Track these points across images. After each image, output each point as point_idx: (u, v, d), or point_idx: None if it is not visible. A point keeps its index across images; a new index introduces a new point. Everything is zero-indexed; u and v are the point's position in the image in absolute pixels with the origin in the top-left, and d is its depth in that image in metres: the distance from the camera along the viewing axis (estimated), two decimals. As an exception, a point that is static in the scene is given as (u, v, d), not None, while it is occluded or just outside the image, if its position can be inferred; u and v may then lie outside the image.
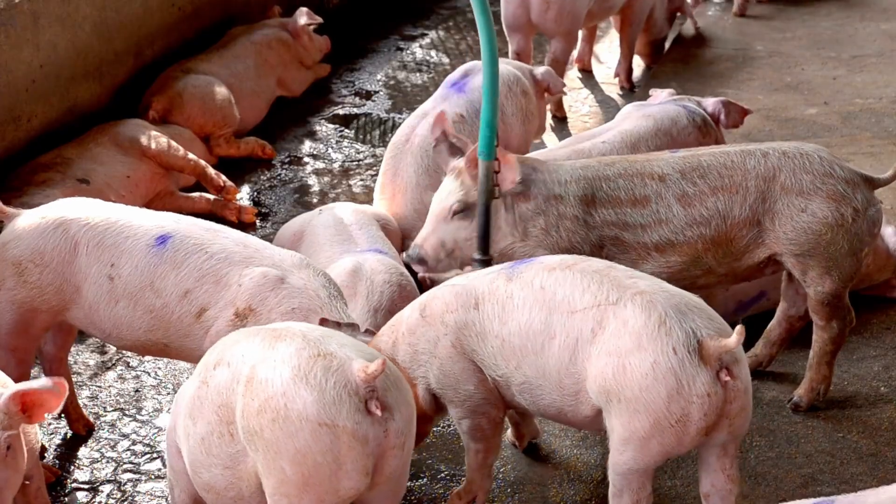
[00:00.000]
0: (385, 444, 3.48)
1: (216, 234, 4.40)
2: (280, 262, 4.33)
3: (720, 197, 4.61)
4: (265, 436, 3.45)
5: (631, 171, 4.66)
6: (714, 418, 3.72)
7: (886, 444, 4.72)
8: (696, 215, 4.61)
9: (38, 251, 4.39)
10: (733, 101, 6.00)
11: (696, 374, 3.68)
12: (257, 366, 3.51)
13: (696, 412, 3.69)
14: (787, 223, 4.62)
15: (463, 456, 4.65)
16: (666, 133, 5.70)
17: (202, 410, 3.65)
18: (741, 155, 4.68)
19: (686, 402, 3.68)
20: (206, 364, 3.71)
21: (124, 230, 4.39)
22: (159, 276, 4.31)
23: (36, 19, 6.23)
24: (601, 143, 5.70)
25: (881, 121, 7.57)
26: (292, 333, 3.57)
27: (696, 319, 3.74)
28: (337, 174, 7.15)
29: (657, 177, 4.63)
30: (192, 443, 3.70)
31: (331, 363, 3.46)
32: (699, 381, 3.68)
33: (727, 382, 3.69)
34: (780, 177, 4.63)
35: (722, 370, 3.69)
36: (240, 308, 4.25)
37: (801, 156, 4.67)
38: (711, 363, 3.68)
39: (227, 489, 3.68)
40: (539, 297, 3.94)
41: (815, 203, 4.61)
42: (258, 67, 7.56)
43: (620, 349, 3.74)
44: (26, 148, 6.23)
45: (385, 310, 4.94)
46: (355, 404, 3.43)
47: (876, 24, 9.34)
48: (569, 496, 4.47)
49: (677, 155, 4.75)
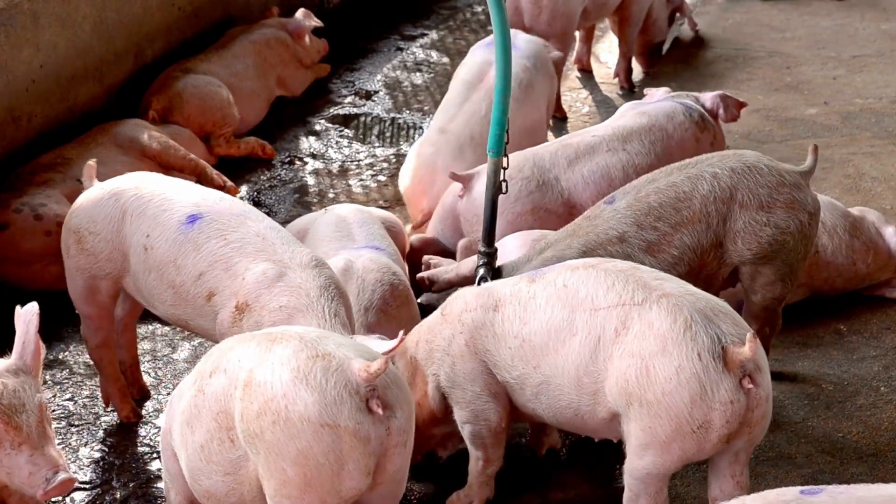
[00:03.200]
0: (387, 442, 3.48)
1: (243, 222, 4.45)
2: (288, 261, 4.32)
3: (685, 231, 4.54)
4: (266, 438, 3.44)
5: (591, 244, 4.51)
6: (736, 426, 3.71)
7: (886, 444, 4.72)
8: (668, 258, 4.54)
9: (93, 220, 4.61)
10: (729, 95, 5.99)
11: (720, 380, 3.67)
12: (255, 369, 3.50)
13: (719, 419, 3.69)
14: (751, 239, 4.60)
15: (463, 457, 4.65)
16: (661, 129, 5.69)
17: (200, 419, 3.64)
18: (690, 182, 4.59)
19: (709, 408, 3.68)
20: (201, 372, 3.70)
21: (165, 203, 4.52)
22: (182, 254, 4.41)
23: (36, 19, 6.23)
24: (590, 137, 5.70)
25: (881, 121, 7.57)
26: (288, 336, 3.56)
27: (721, 325, 3.73)
28: (337, 174, 7.15)
29: (617, 240, 4.53)
30: (191, 451, 3.68)
31: (330, 363, 3.46)
32: (723, 388, 3.67)
33: (750, 390, 3.68)
34: (738, 195, 4.59)
35: (745, 378, 3.67)
36: (239, 302, 4.28)
37: (750, 169, 4.62)
38: (735, 370, 3.67)
39: (228, 495, 3.67)
40: (562, 294, 3.93)
41: (777, 215, 4.60)
42: (258, 67, 7.56)
43: (644, 351, 3.73)
44: (26, 148, 6.23)
45: (376, 308, 4.93)
46: (356, 404, 3.43)
47: (876, 24, 9.34)
48: (569, 496, 4.48)
49: (621, 205, 4.60)
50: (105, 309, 4.79)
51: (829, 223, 5.49)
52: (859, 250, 5.59)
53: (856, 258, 5.58)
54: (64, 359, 5.32)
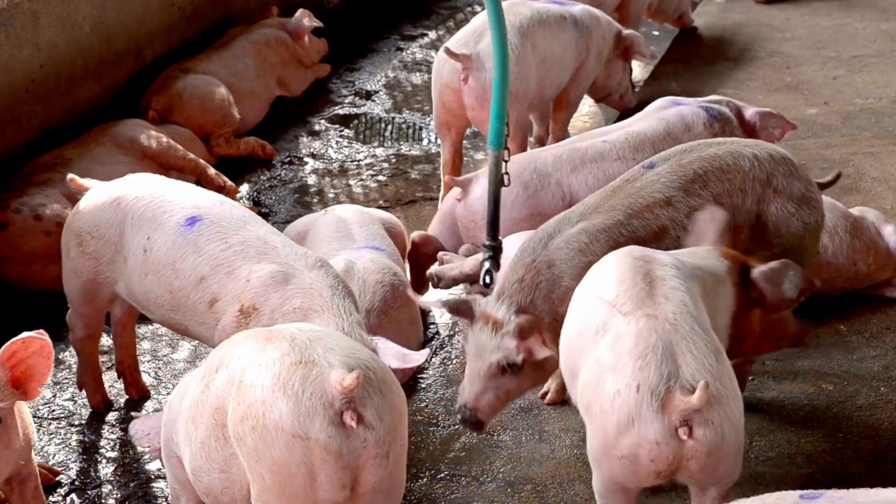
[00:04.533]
0: (365, 454, 3.40)
1: (243, 226, 4.41)
2: (293, 262, 4.30)
3: (725, 203, 4.45)
4: (247, 443, 3.42)
5: (636, 206, 4.40)
6: (666, 468, 3.58)
7: (886, 444, 4.72)
8: None
9: (95, 224, 4.58)
10: (777, 114, 5.82)
11: (651, 420, 3.52)
12: (247, 369, 3.47)
13: (644, 456, 3.55)
14: (781, 227, 4.55)
15: (463, 457, 4.66)
16: (676, 139, 5.61)
17: (203, 414, 3.63)
18: (732, 157, 4.53)
19: (634, 442, 3.54)
20: (209, 368, 3.68)
21: (165, 205, 4.48)
22: (181, 258, 4.37)
23: (36, 19, 6.23)
24: (601, 143, 5.66)
25: (881, 121, 7.57)
26: (282, 336, 3.51)
27: (683, 366, 3.55)
28: (337, 174, 7.15)
29: (663, 202, 4.42)
30: (195, 447, 3.67)
31: (310, 372, 3.40)
32: (651, 428, 3.52)
33: (685, 441, 3.52)
34: (773, 181, 4.55)
35: (683, 426, 3.51)
36: (244, 305, 4.24)
37: (784, 160, 4.59)
38: (672, 415, 3.50)
39: (222, 493, 3.66)
40: (592, 270, 3.92)
41: (804, 210, 4.57)
42: (258, 67, 7.56)
43: (603, 362, 3.64)
44: (26, 148, 6.23)
45: (378, 310, 4.92)
46: (329, 417, 3.36)
47: (876, 24, 9.34)
48: (569, 496, 4.47)
49: (663, 169, 4.50)
50: (101, 310, 4.79)
51: (830, 223, 5.48)
52: (860, 251, 5.58)
53: (857, 259, 5.58)
54: (64, 359, 5.32)
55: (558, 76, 6.68)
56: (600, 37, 6.97)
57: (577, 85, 6.96)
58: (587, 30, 6.83)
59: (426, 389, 5.11)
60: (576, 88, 7.00)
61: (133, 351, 5.10)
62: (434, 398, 5.06)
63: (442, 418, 4.92)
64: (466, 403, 4.23)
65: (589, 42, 6.85)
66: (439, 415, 4.94)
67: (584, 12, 6.88)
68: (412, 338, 5.12)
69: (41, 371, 3.72)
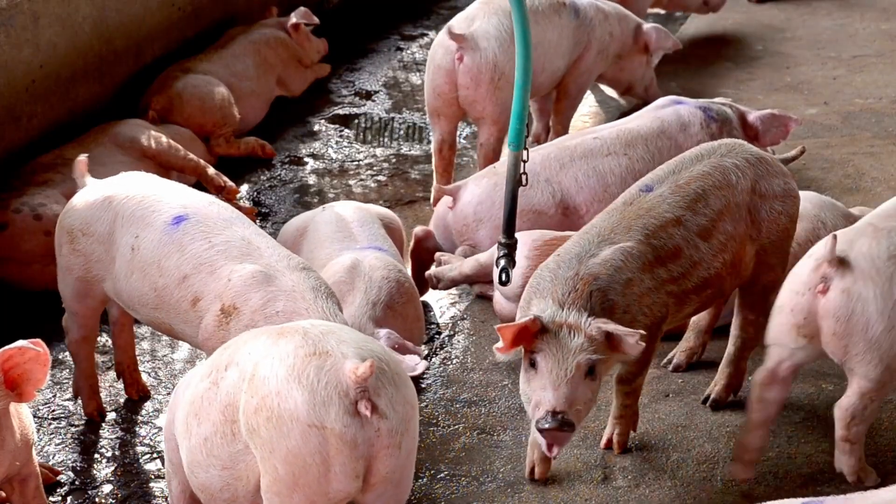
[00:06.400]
0: (378, 444, 3.45)
1: (229, 226, 4.43)
2: (275, 264, 4.32)
3: (726, 219, 4.56)
4: (261, 434, 3.45)
5: (651, 227, 4.44)
6: (802, 320, 4.23)
7: (886, 444, 4.72)
8: (717, 243, 4.53)
9: (87, 221, 4.59)
10: (780, 114, 5.81)
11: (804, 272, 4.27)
12: (259, 363, 3.51)
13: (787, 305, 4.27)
14: (772, 228, 4.66)
15: (463, 457, 4.66)
16: (670, 137, 5.62)
17: (209, 411, 3.64)
18: (720, 171, 4.61)
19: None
20: (216, 365, 3.70)
21: (153, 204, 4.50)
22: (165, 256, 4.38)
23: (36, 19, 6.23)
24: (591, 139, 5.66)
25: (881, 121, 7.57)
26: (294, 330, 3.57)
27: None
28: (337, 174, 7.15)
29: (674, 223, 4.48)
30: (194, 443, 3.69)
31: (324, 362, 3.45)
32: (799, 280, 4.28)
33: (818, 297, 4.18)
34: (758, 187, 4.64)
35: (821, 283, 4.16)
36: (225, 304, 4.26)
37: (760, 161, 4.69)
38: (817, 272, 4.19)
39: (222, 490, 3.67)
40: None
41: (787, 203, 4.70)
42: (258, 67, 7.56)
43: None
44: (26, 148, 6.23)
45: (383, 304, 4.97)
46: (345, 406, 3.41)
47: (876, 24, 9.34)
48: (569, 496, 4.47)
49: (664, 191, 4.55)
50: (93, 309, 4.78)
51: (830, 223, 5.47)
52: (860, 250, 5.57)
53: (856, 258, 5.57)
54: (64, 359, 5.31)
55: (551, 62, 6.67)
56: (606, 33, 6.97)
57: (576, 76, 6.94)
58: (590, 22, 6.84)
59: (426, 389, 5.11)
60: (575, 80, 6.94)
61: (132, 351, 5.10)
62: (434, 398, 5.06)
63: (442, 418, 4.92)
64: (556, 408, 4.09)
65: (591, 35, 6.86)
66: (439, 415, 4.95)
67: (591, 5, 6.90)
68: (416, 334, 5.16)
69: (37, 376, 3.73)
